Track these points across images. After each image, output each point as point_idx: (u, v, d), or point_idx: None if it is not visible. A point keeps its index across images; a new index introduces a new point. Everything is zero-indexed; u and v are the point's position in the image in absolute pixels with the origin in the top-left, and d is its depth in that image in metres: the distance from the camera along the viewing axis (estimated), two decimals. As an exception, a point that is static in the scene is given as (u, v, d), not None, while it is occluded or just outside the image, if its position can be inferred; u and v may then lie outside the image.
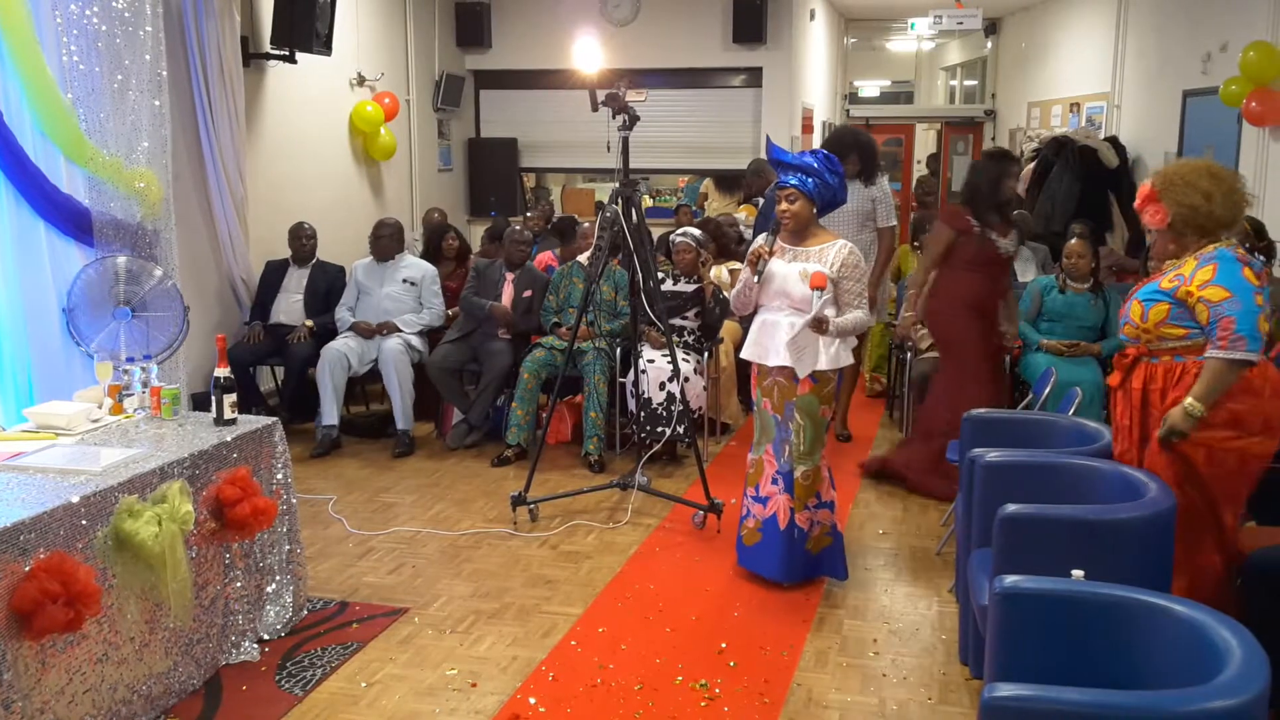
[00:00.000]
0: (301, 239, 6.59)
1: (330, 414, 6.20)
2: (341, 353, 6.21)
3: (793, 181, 4.19)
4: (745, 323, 4.60)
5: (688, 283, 6.24)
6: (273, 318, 6.56)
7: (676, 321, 6.16)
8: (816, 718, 3.43)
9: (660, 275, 6.38)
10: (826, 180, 4.22)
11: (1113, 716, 2.04)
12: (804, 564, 4.34)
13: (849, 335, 4.25)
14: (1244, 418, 3.21)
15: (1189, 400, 3.22)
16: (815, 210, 4.24)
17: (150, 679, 3.33)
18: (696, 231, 6.45)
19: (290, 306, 6.55)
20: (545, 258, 7.40)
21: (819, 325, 4.07)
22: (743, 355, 4.42)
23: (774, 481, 4.32)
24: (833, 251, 4.21)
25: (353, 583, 4.43)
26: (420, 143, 9.28)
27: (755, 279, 4.22)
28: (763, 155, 7.77)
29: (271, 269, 6.63)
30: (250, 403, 6.19)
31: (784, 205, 4.22)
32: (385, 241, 6.51)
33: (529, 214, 8.76)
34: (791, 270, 4.20)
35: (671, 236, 6.55)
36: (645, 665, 3.73)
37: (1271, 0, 6.80)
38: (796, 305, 4.17)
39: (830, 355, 4.20)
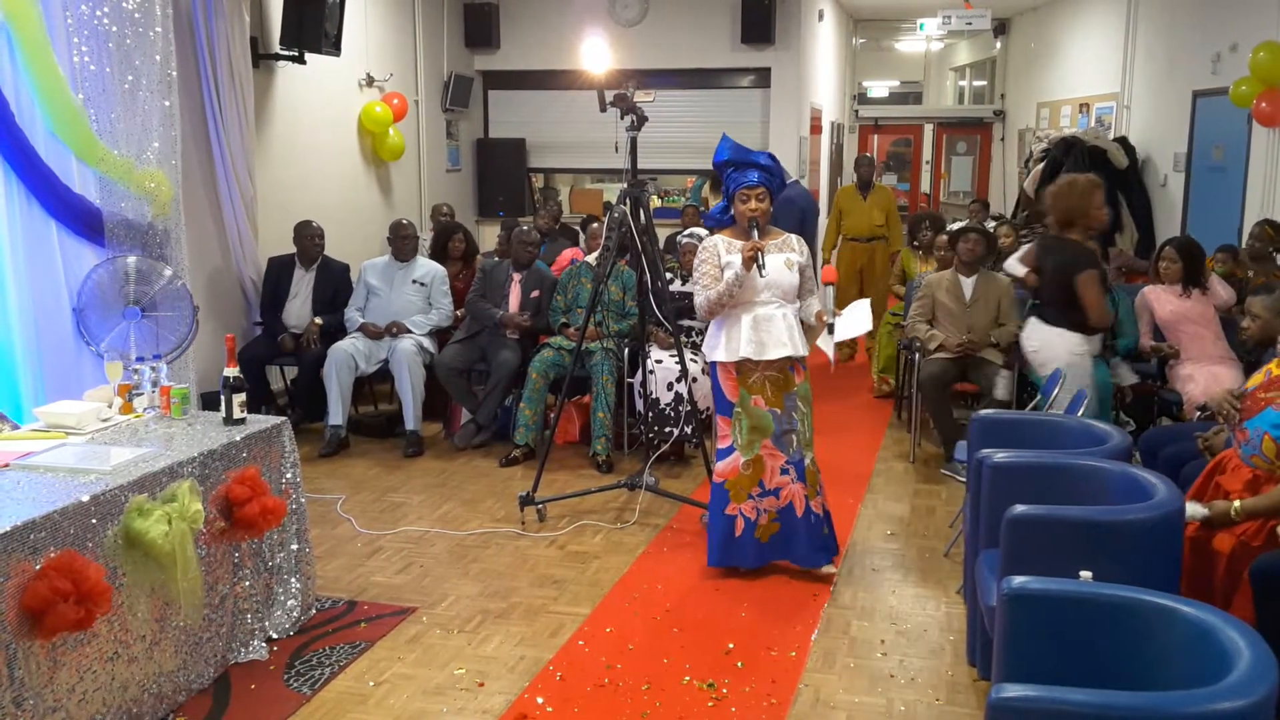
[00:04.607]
0: (310, 238, 6.56)
1: (337, 414, 6.21)
2: (348, 353, 6.22)
3: (759, 178, 4.27)
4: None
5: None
6: (284, 321, 6.56)
7: (684, 322, 6.17)
8: (824, 718, 3.44)
9: (668, 275, 6.39)
10: (782, 180, 4.42)
11: (1120, 717, 2.04)
12: (826, 546, 4.46)
13: None
14: None
15: (1236, 504, 3.30)
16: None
17: (160, 677, 3.34)
18: (703, 231, 6.45)
19: (300, 310, 6.55)
20: (567, 257, 7.39)
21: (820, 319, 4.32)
22: (742, 354, 4.27)
23: (784, 472, 4.34)
24: (795, 241, 4.42)
25: (361, 582, 4.44)
26: (429, 143, 9.30)
27: (761, 274, 4.22)
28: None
29: (276, 266, 6.63)
30: (260, 402, 6.21)
31: (754, 204, 4.27)
32: (408, 241, 6.53)
33: (539, 213, 8.78)
34: (777, 262, 4.30)
35: (679, 237, 6.55)
36: (652, 665, 3.73)
37: (1282, 0, 6.79)
38: (785, 295, 4.31)
39: (805, 343, 4.40)
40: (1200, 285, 5.79)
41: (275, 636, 3.88)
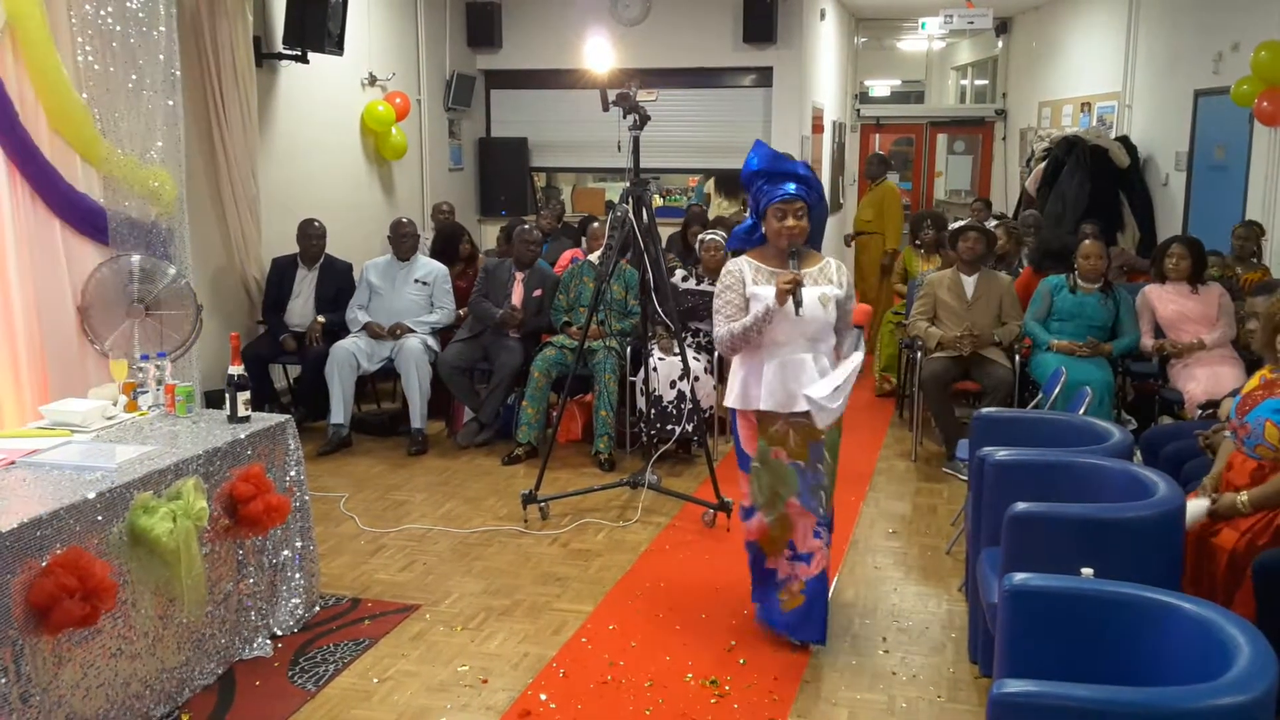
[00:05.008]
0: (311, 237, 6.58)
1: (339, 412, 6.23)
2: (350, 352, 6.24)
3: (799, 191, 3.62)
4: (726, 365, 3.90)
5: (710, 283, 6.22)
6: (286, 321, 6.58)
7: (694, 324, 6.20)
8: (826, 715, 3.45)
9: (684, 274, 6.41)
10: (822, 194, 3.72)
11: (1121, 713, 2.05)
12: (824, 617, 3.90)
13: None
14: None
15: (1243, 496, 3.34)
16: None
17: (164, 674, 3.36)
18: (722, 234, 6.46)
19: (303, 309, 6.57)
20: (567, 256, 7.40)
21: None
22: (762, 405, 3.68)
23: (816, 535, 3.74)
24: (834, 270, 3.73)
25: (364, 580, 4.45)
26: (431, 142, 9.30)
27: (797, 312, 3.55)
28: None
29: (279, 266, 6.65)
30: (264, 401, 6.22)
31: (791, 221, 3.61)
32: (407, 240, 6.55)
33: (541, 212, 8.80)
34: (811, 297, 3.62)
35: (701, 235, 6.56)
36: (655, 662, 3.74)
37: (1283, -1, 6.79)
38: (816, 336, 3.65)
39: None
40: (1204, 283, 5.83)
41: (279, 633, 3.90)
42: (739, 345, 3.69)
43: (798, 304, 3.53)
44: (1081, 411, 4.44)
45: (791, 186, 3.61)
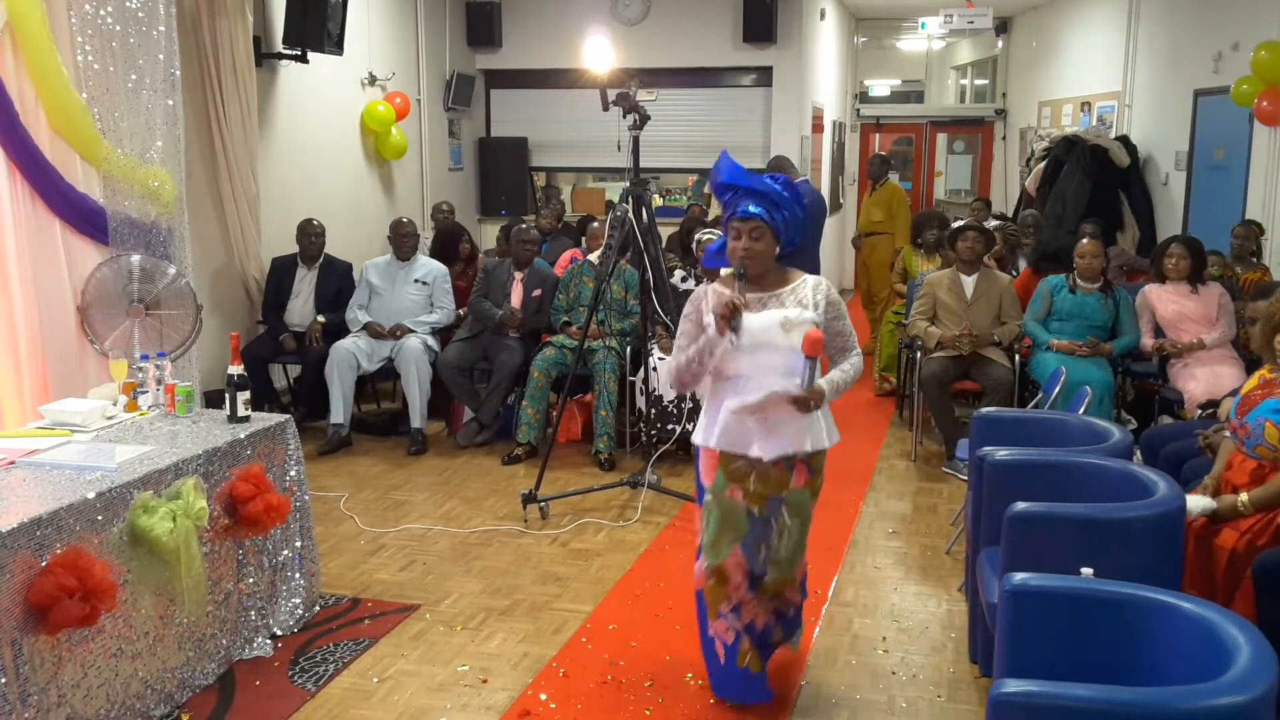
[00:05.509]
0: (310, 236, 6.59)
1: (339, 412, 6.23)
2: (350, 352, 6.24)
3: (756, 211, 3.22)
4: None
5: (709, 283, 6.21)
6: (286, 320, 6.59)
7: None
8: (826, 715, 3.45)
9: (683, 274, 6.40)
10: (796, 214, 3.28)
11: (1121, 713, 2.05)
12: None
13: (844, 391, 3.32)
14: None
15: (1244, 497, 3.35)
16: (776, 252, 3.28)
17: (164, 674, 3.36)
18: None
19: (303, 309, 6.58)
20: (567, 256, 7.39)
21: (805, 403, 3.14)
22: (715, 445, 3.29)
23: (749, 588, 3.35)
24: (808, 290, 3.29)
25: (364, 579, 4.45)
26: (431, 142, 9.31)
27: (734, 341, 3.17)
28: (781, 154, 7.72)
29: (279, 266, 6.65)
30: (264, 401, 6.23)
31: (744, 242, 3.22)
32: (408, 240, 6.55)
33: (541, 212, 8.80)
34: (768, 321, 3.23)
35: (698, 235, 6.55)
36: (655, 662, 3.74)
37: (1283, -1, 6.79)
38: (787, 370, 3.18)
39: (829, 428, 3.34)
40: (1203, 282, 5.84)
41: (279, 633, 3.90)
42: (686, 379, 3.36)
43: (734, 330, 3.17)
44: (1081, 411, 4.43)
45: (748, 205, 3.23)
